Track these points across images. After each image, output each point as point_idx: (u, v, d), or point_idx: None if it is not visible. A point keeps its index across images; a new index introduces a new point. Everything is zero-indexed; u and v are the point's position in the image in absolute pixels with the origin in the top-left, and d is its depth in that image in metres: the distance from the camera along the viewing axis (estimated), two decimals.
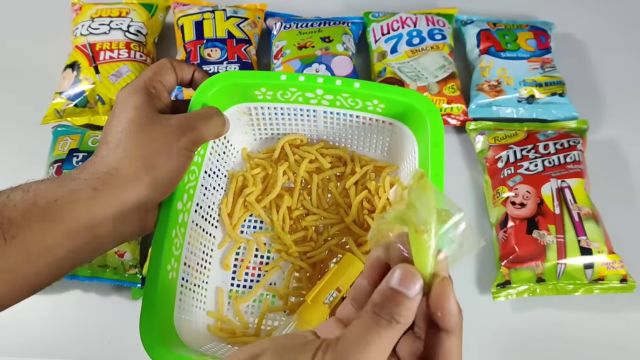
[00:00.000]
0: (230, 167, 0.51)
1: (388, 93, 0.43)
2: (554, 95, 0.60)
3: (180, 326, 0.40)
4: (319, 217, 0.50)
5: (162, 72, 0.40)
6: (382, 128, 0.47)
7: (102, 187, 0.33)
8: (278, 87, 0.44)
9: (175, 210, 0.40)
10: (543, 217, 0.51)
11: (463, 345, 0.53)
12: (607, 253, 0.50)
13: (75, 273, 0.51)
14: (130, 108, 0.36)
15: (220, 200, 0.50)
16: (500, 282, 0.51)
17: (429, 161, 0.40)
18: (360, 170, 0.51)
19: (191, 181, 0.43)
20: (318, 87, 0.43)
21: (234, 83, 0.44)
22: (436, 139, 0.41)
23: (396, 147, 0.49)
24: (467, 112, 0.61)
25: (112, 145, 0.35)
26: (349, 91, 0.43)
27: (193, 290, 0.44)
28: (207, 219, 0.47)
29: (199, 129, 0.38)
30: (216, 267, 0.49)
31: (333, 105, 0.45)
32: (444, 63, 0.62)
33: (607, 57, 0.68)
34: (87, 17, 0.63)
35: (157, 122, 0.36)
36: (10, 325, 0.51)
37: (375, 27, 0.65)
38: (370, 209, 0.50)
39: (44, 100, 0.60)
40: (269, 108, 0.47)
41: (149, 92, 0.38)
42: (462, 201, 0.58)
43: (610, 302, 0.52)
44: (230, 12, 0.64)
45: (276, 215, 0.50)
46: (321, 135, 0.51)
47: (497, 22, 0.66)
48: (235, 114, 0.47)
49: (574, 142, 0.56)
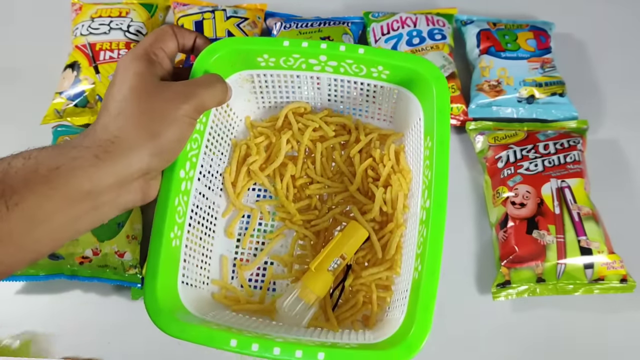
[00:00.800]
0: (234, 135, 0.51)
1: (393, 59, 0.42)
2: (554, 95, 0.60)
3: (185, 293, 0.40)
4: (323, 186, 0.50)
5: (163, 39, 0.39)
6: (387, 95, 0.47)
7: (104, 155, 0.32)
8: (281, 53, 0.43)
9: (177, 178, 0.40)
10: (543, 217, 0.51)
11: (463, 345, 0.53)
12: (607, 253, 0.50)
13: (76, 273, 0.51)
14: (131, 75, 0.36)
15: (223, 169, 0.50)
16: (500, 282, 0.51)
17: (434, 127, 0.40)
18: (365, 139, 0.50)
19: (194, 149, 0.42)
20: (321, 53, 0.43)
21: (236, 49, 0.43)
22: (441, 104, 0.40)
23: (401, 114, 0.48)
24: (467, 112, 0.61)
25: (114, 113, 0.34)
26: (353, 57, 0.43)
27: (197, 258, 0.44)
28: (211, 187, 0.47)
29: (201, 96, 0.38)
30: (220, 235, 0.49)
31: (337, 72, 0.45)
32: (444, 63, 0.62)
33: (607, 57, 0.68)
34: (87, 17, 0.63)
35: (159, 89, 0.36)
36: (11, 325, 0.51)
37: (375, 27, 0.65)
38: (375, 177, 0.49)
39: (44, 100, 0.61)
40: (272, 75, 0.47)
41: (150, 58, 0.37)
42: (462, 201, 0.58)
43: (610, 302, 0.52)
44: (230, 12, 0.64)
45: (280, 183, 0.49)
46: (325, 103, 0.51)
47: (497, 22, 0.66)
48: (237, 82, 0.46)
49: (574, 142, 0.56)
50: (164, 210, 0.39)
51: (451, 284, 0.54)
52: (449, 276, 0.54)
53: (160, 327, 0.36)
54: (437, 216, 0.38)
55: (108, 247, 0.51)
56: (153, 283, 0.37)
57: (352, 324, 0.46)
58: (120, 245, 0.51)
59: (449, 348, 0.51)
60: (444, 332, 0.52)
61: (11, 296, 0.52)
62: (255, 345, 0.35)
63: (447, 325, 0.52)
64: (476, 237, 0.56)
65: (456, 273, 0.54)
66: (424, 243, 0.38)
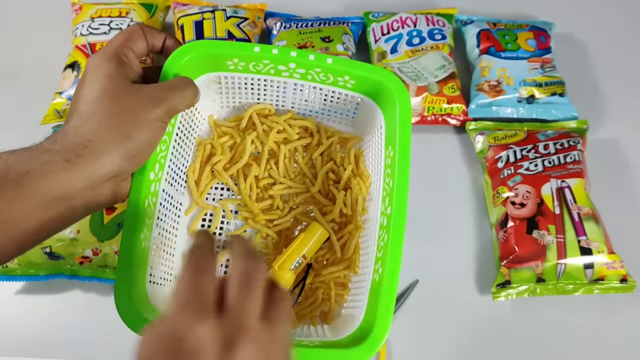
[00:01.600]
0: (197, 134, 0.51)
1: (359, 70, 0.44)
2: (554, 95, 0.60)
3: (152, 292, 0.41)
4: (285, 187, 0.50)
5: (133, 39, 0.39)
6: (350, 102, 0.48)
7: (76, 159, 0.32)
8: (251, 58, 0.44)
9: (148, 181, 0.41)
10: (543, 217, 0.51)
11: (463, 345, 0.53)
12: (607, 253, 0.50)
13: (76, 273, 0.51)
14: (102, 76, 0.35)
15: (187, 168, 0.50)
16: (500, 282, 0.51)
17: (397, 140, 0.42)
18: (326, 142, 0.52)
19: (162, 151, 0.43)
20: (291, 60, 0.44)
21: (206, 52, 0.43)
22: (404, 116, 0.42)
23: (362, 121, 0.50)
24: (467, 112, 0.61)
25: (85, 115, 0.34)
26: (321, 66, 0.44)
27: (162, 256, 0.45)
28: (175, 186, 0.48)
29: (173, 100, 0.38)
30: (183, 233, 0.49)
31: (304, 78, 0.46)
32: (444, 63, 0.62)
33: (607, 57, 0.68)
34: (87, 17, 0.63)
35: (130, 92, 0.36)
36: (11, 325, 0.51)
37: (375, 27, 0.65)
38: (335, 179, 0.51)
39: (44, 100, 0.60)
40: (240, 78, 0.47)
41: (120, 59, 0.37)
42: (462, 201, 0.58)
43: (610, 302, 0.52)
44: (230, 12, 0.64)
45: (243, 183, 0.50)
46: (289, 105, 0.52)
47: (497, 22, 0.66)
48: (205, 82, 0.47)
49: (574, 142, 0.56)
50: (135, 213, 0.39)
51: (451, 284, 0.54)
52: (449, 276, 0.54)
53: (133, 329, 0.36)
54: (397, 223, 0.40)
55: (108, 247, 0.51)
56: (124, 286, 0.38)
57: (311, 319, 0.47)
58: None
59: (449, 348, 0.51)
60: (444, 332, 0.52)
61: (11, 296, 0.52)
62: None
63: (447, 325, 0.52)
64: (476, 237, 0.56)
65: (456, 273, 0.54)
66: (384, 247, 0.40)
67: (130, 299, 0.37)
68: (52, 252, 0.50)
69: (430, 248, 0.55)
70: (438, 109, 0.60)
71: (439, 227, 0.57)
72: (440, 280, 0.54)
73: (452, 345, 0.51)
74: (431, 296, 0.53)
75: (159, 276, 0.43)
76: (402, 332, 0.51)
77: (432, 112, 0.60)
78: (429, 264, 0.54)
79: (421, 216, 0.57)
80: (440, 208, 0.57)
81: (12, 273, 0.50)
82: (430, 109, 0.60)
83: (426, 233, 0.56)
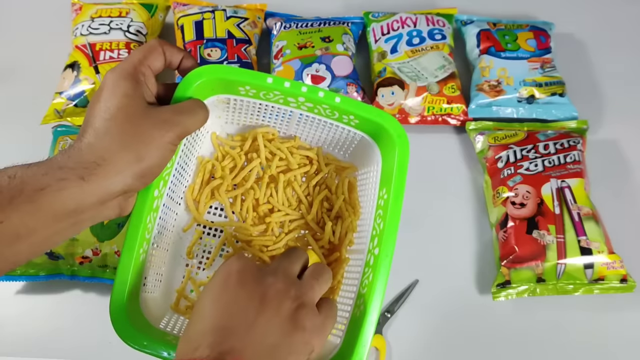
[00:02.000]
0: (200, 148, 0.53)
1: (365, 112, 0.45)
2: (554, 95, 0.60)
3: (144, 302, 0.42)
4: (284, 214, 0.51)
5: (152, 56, 0.40)
6: (351, 138, 0.50)
7: (89, 177, 0.34)
8: (262, 87, 0.45)
9: (152, 197, 0.42)
10: (543, 217, 0.51)
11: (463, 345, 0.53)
12: (607, 253, 0.50)
13: (76, 273, 0.51)
14: (119, 95, 0.36)
15: (187, 181, 0.51)
16: (500, 282, 0.51)
17: (392, 182, 0.44)
18: (325, 169, 0.53)
19: (168, 168, 0.44)
20: (301, 95, 0.45)
21: (220, 77, 0.45)
22: (401, 163, 0.45)
23: (360, 153, 0.51)
24: (467, 112, 0.61)
25: (100, 132, 0.35)
26: (329, 104, 0.45)
27: (157, 265, 0.46)
28: (175, 199, 0.49)
29: (185, 124, 0.39)
30: (176, 243, 0.50)
31: (311, 111, 0.47)
32: (444, 63, 0.62)
33: (607, 57, 0.68)
34: (87, 17, 0.63)
35: (146, 114, 0.37)
36: (10, 325, 0.51)
37: (375, 27, 0.65)
38: (328, 207, 0.52)
39: (44, 100, 0.60)
40: (249, 102, 0.48)
41: (138, 79, 0.38)
42: (462, 201, 0.58)
43: (610, 302, 0.52)
44: (230, 12, 0.64)
45: (242, 207, 0.51)
46: (291, 131, 0.53)
47: (497, 22, 0.66)
48: (213, 102, 0.48)
49: (574, 142, 0.56)
50: (136, 228, 0.41)
51: (451, 283, 0.54)
52: (449, 276, 0.54)
53: (128, 343, 0.38)
54: (383, 264, 0.41)
55: (108, 247, 0.51)
56: (120, 298, 0.39)
57: None
58: (120, 245, 0.51)
59: (448, 348, 0.51)
60: (444, 332, 0.52)
61: (11, 296, 0.52)
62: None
63: (447, 325, 0.52)
64: (476, 237, 0.56)
65: (456, 273, 0.54)
66: (369, 286, 0.41)
67: (123, 310, 0.39)
68: (52, 252, 0.50)
69: (430, 248, 0.55)
70: (438, 109, 0.60)
71: (439, 227, 0.57)
72: (440, 281, 0.54)
73: (452, 345, 0.51)
74: (431, 296, 0.53)
75: (151, 284, 0.45)
76: (402, 332, 0.51)
77: (432, 112, 0.60)
78: (429, 264, 0.54)
79: (421, 216, 0.57)
80: (440, 208, 0.58)
81: (12, 273, 0.50)
82: (430, 109, 0.60)
83: (426, 233, 0.56)
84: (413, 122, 0.61)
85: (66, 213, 0.33)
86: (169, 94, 0.43)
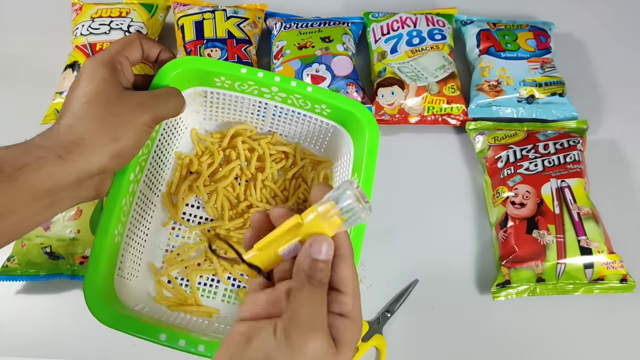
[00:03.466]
0: (179, 142, 0.54)
1: (335, 100, 0.47)
2: (554, 95, 0.60)
3: (119, 286, 0.44)
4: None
5: (129, 48, 0.42)
6: (325, 129, 0.51)
7: (67, 155, 0.35)
8: (237, 78, 0.47)
9: (127, 180, 0.43)
10: (543, 217, 0.51)
11: (463, 345, 0.53)
12: (607, 253, 0.50)
13: (76, 273, 0.51)
14: (97, 81, 0.38)
15: (165, 173, 0.53)
16: (500, 282, 0.51)
17: (363, 167, 0.44)
18: (300, 163, 0.55)
19: (144, 154, 0.46)
20: (274, 84, 0.47)
21: (196, 68, 0.47)
22: (371, 147, 0.45)
23: (334, 146, 0.53)
24: (467, 112, 0.61)
25: (78, 115, 0.37)
26: (301, 93, 0.47)
27: (133, 253, 0.47)
28: (152, 190, 0.51)
29: (160, 108, 0.42)
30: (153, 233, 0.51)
31: (284, 102, 0.49)
32: (444, 63, 0.62)
33: (607, 57, 0.68)
34: (88, 17, 0.63)
35: (123, 97, 0.39)
36: (11, 325, 0.51)
37: (375, 27, 0.65)
38: (304, 199, 0.54)
39: (44, 100, 0.61)
40: (225, 95, 0.50)
41: (114, 66, 0.40)
42: (462, 201, 0.58)
43: (610, 302, 0.52)
44: (230, 12, 0.64)
45: (219, 203, 0.53)
46: (267, 126, 0.55)
47: (497, 22, 0.66)
48: (191, 95, 0.50)
49: (574, 142, 0.56)
50: (112, 208, 0.42)
51: (451, 284, 0.54)
52: (449, 276, 0.54)
53: (98, 318, 0.39)
54: (354, 247, 0.42)
55: None
56: (94, 276, 0.40)
57: None
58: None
59: (448, 347, 0.51)
60: (444, 332, 0.52)
61: (11, 296, 0.52)
62: (182, 341, 0.39)
63: (447, 325, 0.52)
64: (476, 237, 0.56)
65: (456, 273, 0.54)
66: None
67: (96, 289, 0.40)
68: (52, 252, 0.50)
69: (430, 248, 0.55)
70: (438, 109, 0.60)
71: (439, 227, 0.57)
72: (440, 280, 0.54)
73: (452, 345, 0.51)
74: (431, 296, 0.53)
75: (127, 272, 0.46)
76: (402, 332, 0.51)
77: (432, 112, 0.60)
78: (429, 264, 0.54)
79: (421, 216, 0.57)
80: (440, 208, 0.58)
81: (12, 273, 0.50)
82: (430, 109, 0.60)
83: (426, 233, 0.56)
84: (413, 122, 0.61)
85: (45, 191, 0.34)
86: (146, 84, 0.45)
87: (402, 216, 0.57)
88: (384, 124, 0.61)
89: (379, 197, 0.48)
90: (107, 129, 0.37)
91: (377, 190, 0.46)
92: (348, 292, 0.28)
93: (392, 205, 0.56)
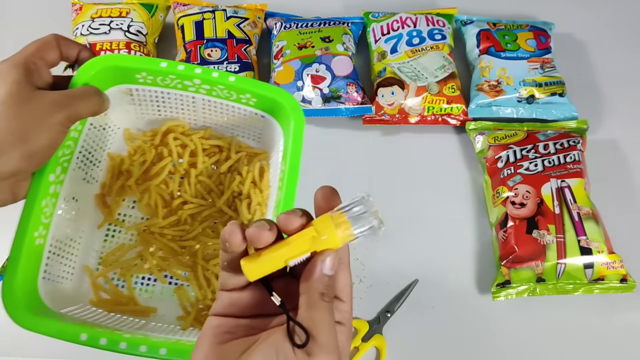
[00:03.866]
0: (112, 143, 0.54)
1: (259, 89, 0.47)
2: (554, 95, 0.60)
3: (45, 289, 0.43)
4: (196, 206, 0.53)
5: (44, 49, 0.42)
6: (255, 119, 0.51)
7: None
8: (158, 73, 0.47)
9: (46, 181, 0.43)
10: (543, 217, 0.51)
11: (463, 345, 0.53)
12: (607, 253, 0.50)
13: None
14: (9, 82, 0.38)
15: (98, 174, 0.52)
16: (500, 282, 0.51)
17: (288, 156, 0.44)
18: (235, 156, 0.54)
19: (66, 155, 0.45)
20: (196, 77, 0.46)
21: (115, 65, 0.46)
22: (297, 134, 0.45)
23: (268, 137, 0.53)
24: (467, 112, 0.61)
25: None
26: (224, 83, 0.46)
27: (63, 256, 0.47)
28: (85, 191, 0.50)
29: (76, 107, 0.41)
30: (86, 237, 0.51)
31: (210, 94, 0.48)
32: (444, 63, 0.62)
33: (607, 57, 0.68)
34: (88, 17, 0.63)
35: (34, 97, 0.38)
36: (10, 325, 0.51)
37: (375, 27, 0.65)
38: (239, 191, 0.53)
39: None
40: (150, 91, 0.50)
41: (28, 67, 0.40)
42: (462, 201, 0.58)
43: (610, 302, 0.52)
44: (230, 12, 0.64)
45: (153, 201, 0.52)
46: (200, 121, 0.54)
47: (497, 22, 0.66)
48: (116, 94, 0.49)
49: (574, 142, 0.56)
50: (29, 210, 0.41)
51: (451, 284, 0.54)
52: (449, 276, 0.54)
53: (15, 321, 0.38)
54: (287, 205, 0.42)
55: None
56: (12, 278, 0.40)
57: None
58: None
59: (448, 347, 0.51)
60: (444, 332, 0.52)
61: None
62: (103, 339, 0.39)
63: (447, 325, 0.52)
64: (476, 237, 0.56)
65: (456, 273, 0.54)
66: None
67: (14, 291, 0.39)
68: None
69: (430, 248, 0.55)
70: (438, 109, 0.60)
71: (439, 227, 0.57)
72: (440, 280, 0.54)
73: (452, 345, 0.51)
74: (431, 296, 0.53)
75: (57, 274, 0.45)
76: (402, 332, 0.51)
77: (432, 112, 0.60)
78: (429, 264, 0.54)
79: (421, 216, 0.57)
80: (440, 208, 0.58)
81: None
82: (430, 109, 0.60)
83: (426, 233, 0.56)
84: (413, 122, 0.61)
85: None
86: (65, 85, 0.44)
87: (402, 216, 0.57)
88: (384, 124, 0.61)
89: (379, 197, 0.48)
90: (17, 129, 0.37)
91: (377, 190, 0.46)
92: (347, 300, 0.28)
93: (392, 205, 0.56)
